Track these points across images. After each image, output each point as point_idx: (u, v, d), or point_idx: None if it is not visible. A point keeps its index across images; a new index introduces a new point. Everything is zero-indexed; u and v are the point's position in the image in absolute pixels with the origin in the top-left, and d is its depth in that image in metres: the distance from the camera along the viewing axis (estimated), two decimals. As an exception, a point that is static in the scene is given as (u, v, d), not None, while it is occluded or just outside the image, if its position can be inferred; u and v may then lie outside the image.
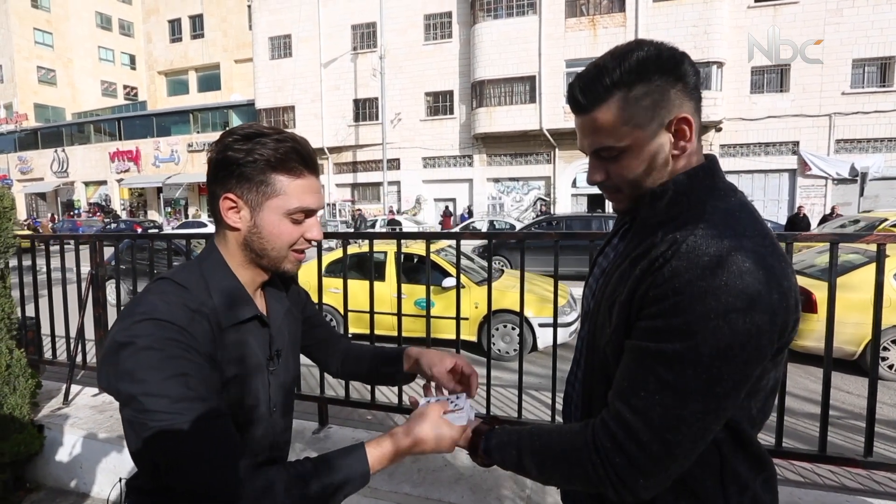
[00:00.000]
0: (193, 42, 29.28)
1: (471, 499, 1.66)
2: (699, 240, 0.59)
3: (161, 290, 0.69)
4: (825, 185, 16.36)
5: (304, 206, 0.75)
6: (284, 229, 0.75)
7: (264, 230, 0.74)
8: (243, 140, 0.72)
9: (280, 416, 0.84)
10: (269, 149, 0.71)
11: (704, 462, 0.62)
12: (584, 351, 0.77)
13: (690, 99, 0.65)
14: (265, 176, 0.72)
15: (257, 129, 0.73)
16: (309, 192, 0.75)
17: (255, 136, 0.72)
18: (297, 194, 0.74)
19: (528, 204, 19.38)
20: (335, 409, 2.33)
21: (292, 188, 0.74)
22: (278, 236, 0.75)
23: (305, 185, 0.75)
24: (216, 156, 0.73)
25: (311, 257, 1.94)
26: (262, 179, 0.72)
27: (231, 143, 0.72)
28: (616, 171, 0.68)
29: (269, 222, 0.74)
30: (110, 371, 0.63)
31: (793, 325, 0.60)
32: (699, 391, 0.56)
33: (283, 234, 0.75)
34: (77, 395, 2.62)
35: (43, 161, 28.92)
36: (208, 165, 0.76)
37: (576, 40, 17.45)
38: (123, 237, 3.20)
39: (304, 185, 0.75)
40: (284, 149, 0.72)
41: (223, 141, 0.73)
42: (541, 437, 0.70)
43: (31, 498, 2.25)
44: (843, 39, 15.69)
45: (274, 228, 0.74)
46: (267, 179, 0.72)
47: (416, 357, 0.94)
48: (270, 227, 0.74)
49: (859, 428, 3.24)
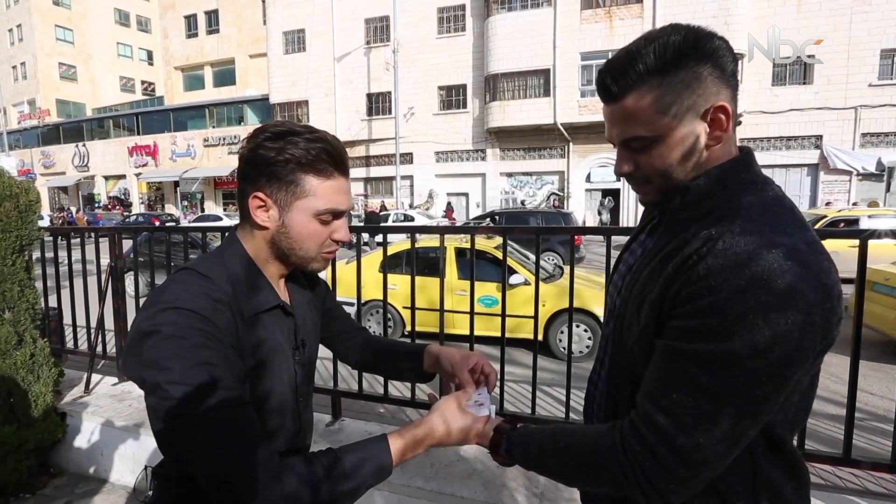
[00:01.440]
0: (209, 37, 29.57)
1: (484, 494, 1.65)
2: (736, 236, 0.56)
3: (184, 280, 0.69)
4: (849, 181, 15.87)
5: (334, 207, 0.74)
6: (313, 230, 0.75)
7: (293, 230, 0.74)
8: (274, 138, 0.71)
9: (305, 407, 0.85)
10: (300, 149, 0.71)
11: (736, 467, 0.60)
12: (610, 350, 0.74)
13: (728, 86, 0.62)
14: (295, 176, 0.72)
15: (289, 128, 0.72)
16: (339, 192, 0.75)
17: (286, 134, 0.71)
18: (326, 195, 0.74)
19: (541, 199, 19.21)
20: (348, 401, 2.34)
21: (322, 189, 0.73)
22: (307, 237, 0.75)
23: (335, 185, 0.74)
24: (247, 153, 0.73)
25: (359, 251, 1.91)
26: (292, 179, 0.72)
27: (262, 140, 0.71)
28: (646, 162, 0.65)
29: (297, 223, 0.74)
30: (135, 360, 0.64)
31: (836, 325, 0.56)
32: (735, 394, 0.54)
33: (312, 234, 0.75)
34: (98, 384, 2.68)
35: (65, 156, 29.64)
36: (239, 161, 0.75)
37: (591, 33, 17.16)
38: (142, 230, 3.26)
39: (334, 186, 0.74)
40: (316, 149, 0.71)
41: (255, 138, 0.73)
42: (565, 438, 0.68)
43: (54, 483, 2.31)
44: (871, 29, 15.13)
45: (303, 229, 0.74)
46: (297, 180, 0.72)
47: (436, 355, 0.93)
48: (299, 228, 0.74)
49: (881, 430, 3.15)
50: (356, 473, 0.67)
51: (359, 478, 0.67)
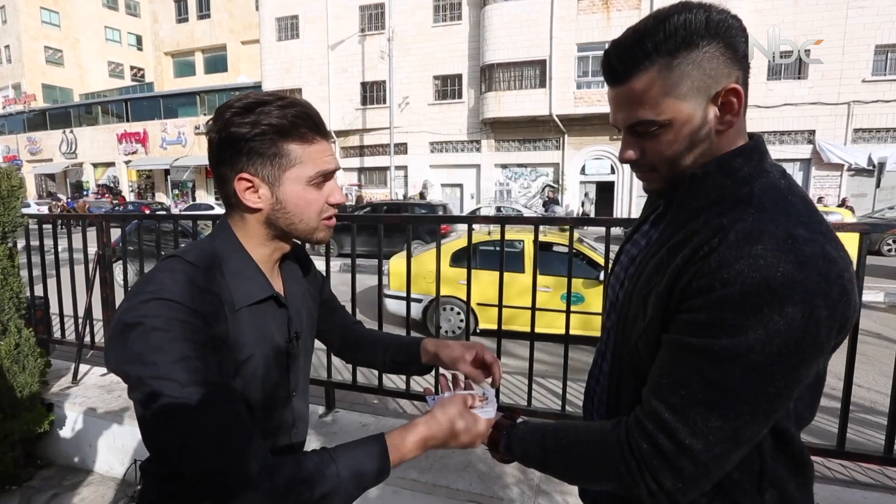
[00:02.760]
0: (200, 23, 28.96)
1: (479, 486, 1.64)
2: (749, 226, 0.53)
3: (171, 269, 0.65)
4: (840, 176, 16.01)
5: (324, 168, 0.71)
6: (311, 198, 0.71)
7: (289, 204, 0.70)
8: (244, 112, 0.66)
9: (300, 400, 0.82)
10: (275, 117, 0.66)
11: (743, 463, 0.58)
12: (612, 343, 0.72)
13: (740, 68, 0.59)
14: (277, 147, 0.67)
15: (256, 98, 0.67)
16: (325, 153, 0.72)
17: (255, 105, 0.66)
18: (313, 160, 0.70)
19: (535, 190, 19.19)
20: (342, 393, 2.32)
21: (308, 154, 0.69)
22: (306, 207, 0.71)
23: (319, 149, 0.71)
24: (218, 134, 0.67)
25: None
26: (276, 151, 0.67)
27: (232, 117, 0.66)
28: (653, 147, 0.62)
29: (292, 194, 0.70)
30: (118, 353, 0.60)
31: (851, 318, 0.54)
32: (748, 391, 0.51)
33: (310, 203, 0.71)
34: (86, 375, 2.63)
35: (52, 142, 29.02)
36: (209, 146, 0.70)
37: (588, 23, 17.02)
38: (131, 217, 3.19)
39: (319, 150, 0.71)
40: (292, 114, 0.67)
41: (222, 117, 0.67)
42: (567, 435, 0.65)
43: (41, 475, 2.28)
44: (866, 24, 15.16)
45: (299, 199, 0.70)
46: (280, 151, 0.68)
47: (434, 350, 0.90)
48: (296, 199, 0.70)
49: (870, 422, 3.20)
50: (350, 476, 0.63)
51: (354, 481, 0.63)
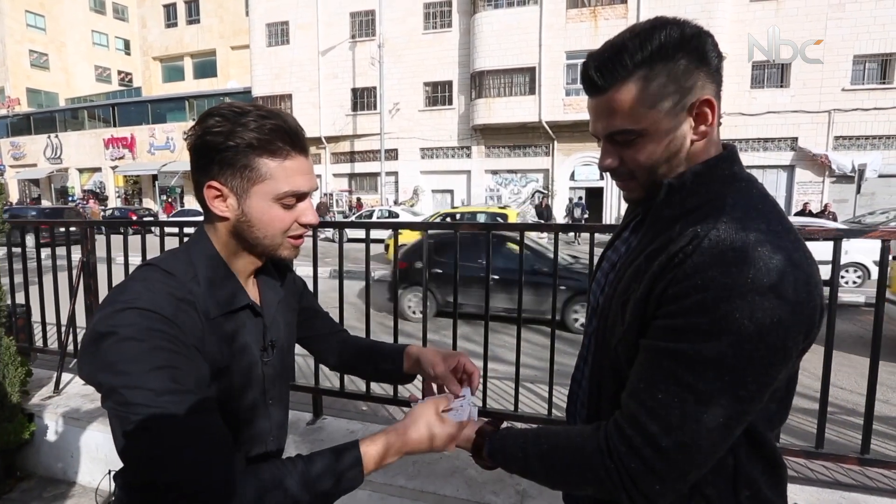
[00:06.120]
0: (189, 27, 28.76)
1: (466, 492, 1.65)
2: (722, 234, 0.55)
3: (145, 278, 0.65)
4: (822, 182, 16.38)
5: (294, 189, 0.70)
6: (276, 215, 0.70)
7: (253, 218, 0.69)
8: (223, 121, 0.66)
9: (276, 408, 0.81)
10: (251, 130, 0.66)
11: (718, 465, 0.59)
12: (593, 348, 0.73)
13: (713, 81, 0.62)
14: (248, 160, 0.67)
15: (238, 108, 0.68)
16: (298, 173, 0.70)
17: (235, 115, 0.67)
18: (285, 177, 0.69)
19: (525, 196, 19.31)
20: (329, 399, 2.31)
21: (280, 171, 0.68)
22: (269, 223, 0.70)
23: (294, 166, 0.70)
24: (195, 141, 0.68)
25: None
26: (246, 164, 0.67)
27: (210, 126, 0.66)
28: (631, 156, 0.65)
29: (257, 209, 0.69)
30: (91, 362, 0.60)
31: (819, 323, 0.57)
32: (722, 394, 0.53)
33: (274, 220, 0.70)
34: (68, 384, 2.58)
35: (36, 147, 28.49)
36: (189, 151, 0.70)
37: (577, 31, 17.26)
38: (118, 223, 3.15)
39: (293, 167, 0.69)
40: (268, 128, 0.67)
41: (201, 124, 0.68)
42: (548, 440, 0.66)
43: (21, 486, 2.23)
44: (844, 35, 15.59)
45: (263, 215, 0.69)
46: (251, 164, 0.67)
47: (416, 357, 0.90)
48: (260, 215, 0.69)
49: (849, 423, 3.27)
50: (324, 482, 0.63)
51: (326, 487, 0.63)
